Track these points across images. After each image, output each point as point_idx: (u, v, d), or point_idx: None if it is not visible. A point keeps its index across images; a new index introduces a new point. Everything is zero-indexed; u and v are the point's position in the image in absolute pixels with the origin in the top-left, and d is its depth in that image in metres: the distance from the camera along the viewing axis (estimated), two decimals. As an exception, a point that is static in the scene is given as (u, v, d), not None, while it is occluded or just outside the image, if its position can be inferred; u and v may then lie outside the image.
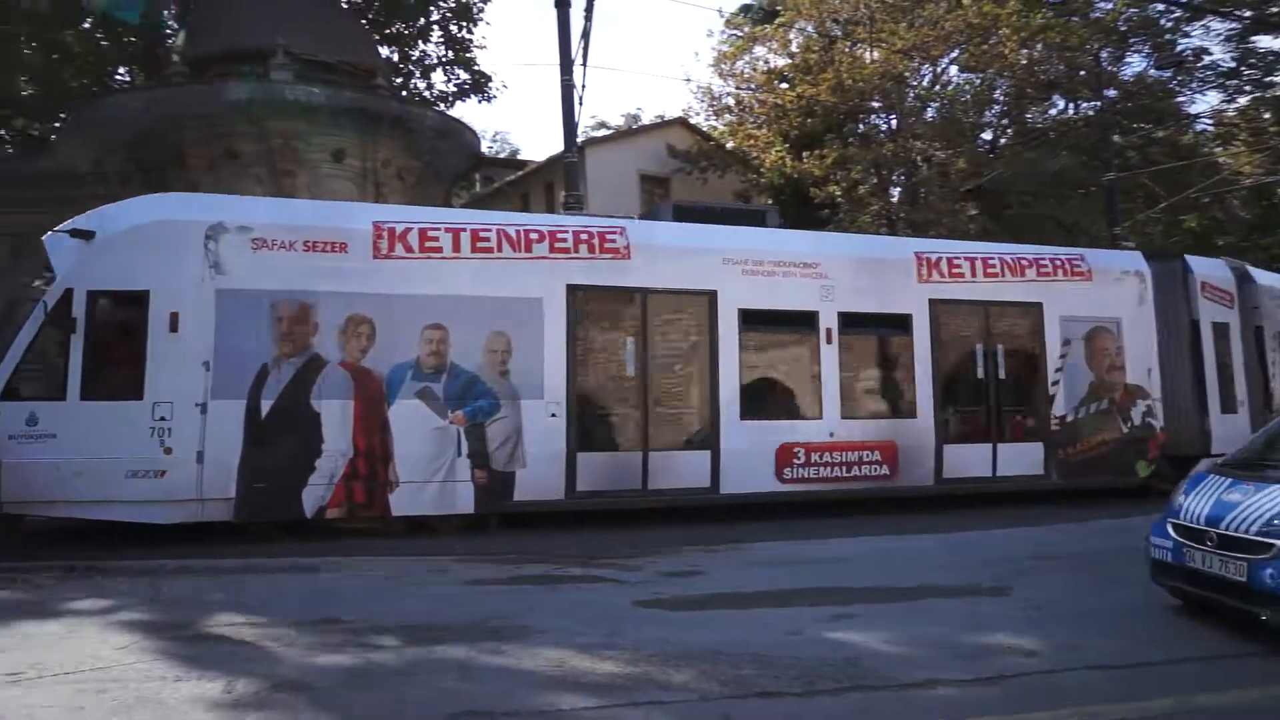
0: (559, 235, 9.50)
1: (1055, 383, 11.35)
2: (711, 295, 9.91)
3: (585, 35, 12.34)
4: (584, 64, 12.46)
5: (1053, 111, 23.32)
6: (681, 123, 22.40)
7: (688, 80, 25.18)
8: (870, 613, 5.94)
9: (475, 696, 4.30)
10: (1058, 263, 11.72)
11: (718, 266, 9.96)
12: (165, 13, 18.40)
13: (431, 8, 21.49)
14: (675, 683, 4.46)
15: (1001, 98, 22.56)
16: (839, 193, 20.67)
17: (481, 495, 8.96)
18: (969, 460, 10.87)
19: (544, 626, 5.51)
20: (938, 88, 22.54)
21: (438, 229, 9.18)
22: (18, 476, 7.83)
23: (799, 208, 20.89)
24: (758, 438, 9.92)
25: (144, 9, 17.05)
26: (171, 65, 15.88)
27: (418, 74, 22.52)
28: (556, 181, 21.55)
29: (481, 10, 22.05)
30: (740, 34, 24.70)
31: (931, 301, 10.96)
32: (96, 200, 15.62)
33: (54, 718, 4.04)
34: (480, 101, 23.14)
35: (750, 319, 10.04)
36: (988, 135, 23.44)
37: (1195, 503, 5.52)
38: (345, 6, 20.21)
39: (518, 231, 9.41)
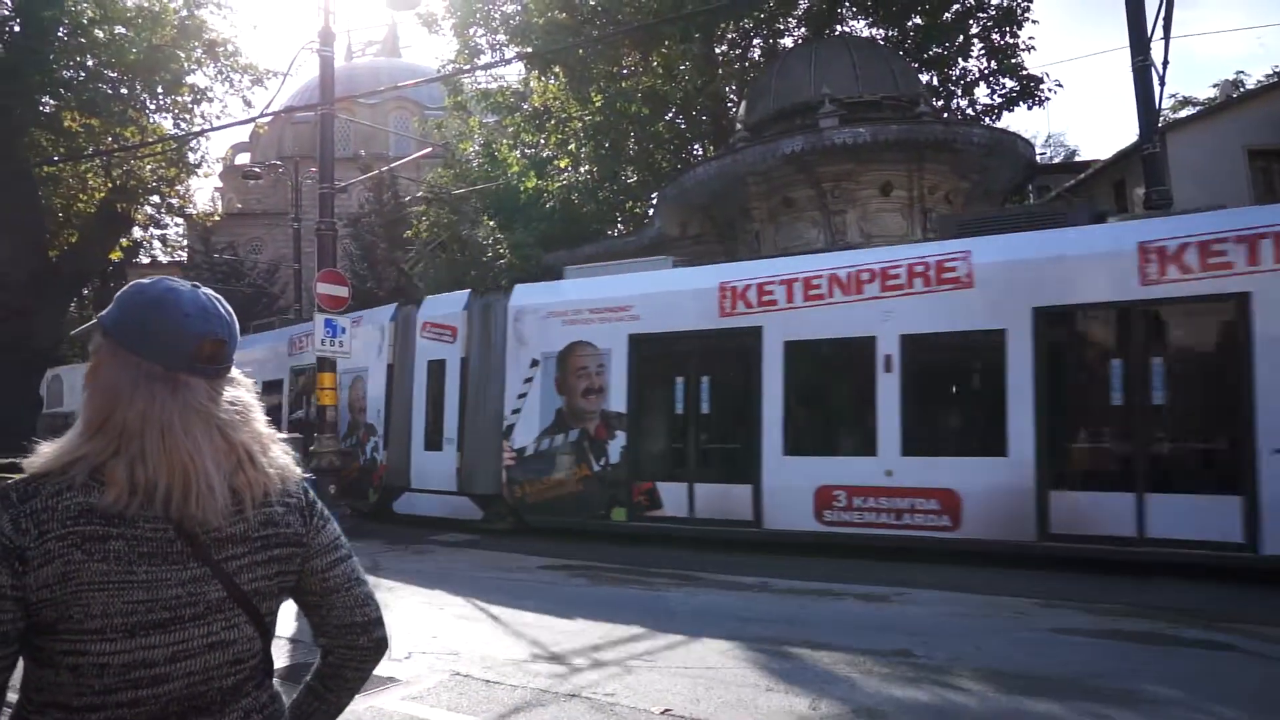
0: None
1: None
2: None
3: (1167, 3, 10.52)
4: (1165, 38, 10.66)
5: None
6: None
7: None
8: None
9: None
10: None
11: None
12: None
13: (970, 21, 20.77)
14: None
15: None
16: None
17: None
18: None
19: (1157, 695, 4.65)
20: None
21: None
22: None
23: None
24: None
25: None
26: (735, 133, 17.97)
27: (959, 92, 21.91)
28: (1129, 178, 18.91)
29: (1027, 10, 20.59)
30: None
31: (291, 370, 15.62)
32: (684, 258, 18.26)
33: (681, 703, 4.66)
34: (1031, 107, 21.53)
35: None
36: None
37: None
38: (882, 44, 20.68)
39: None
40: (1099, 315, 8.77)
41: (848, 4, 21.71)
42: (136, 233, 23.66)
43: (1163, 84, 10.79)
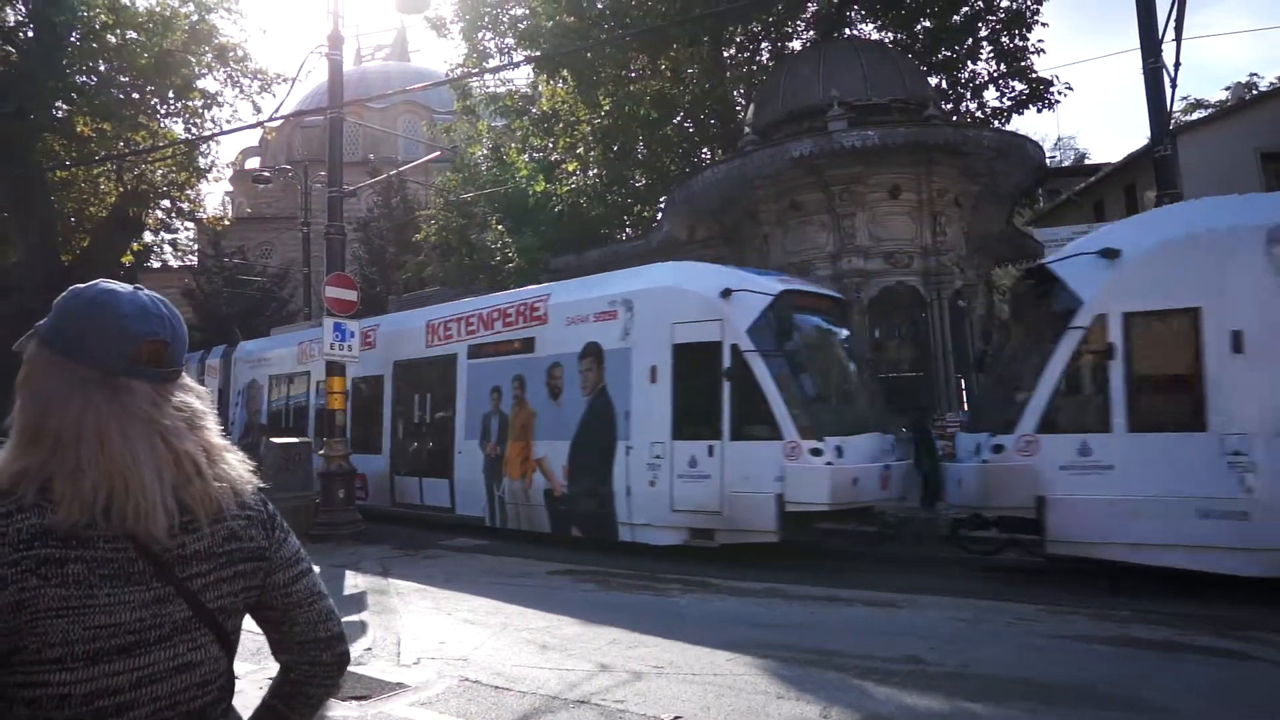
0: None
1: None
2: None
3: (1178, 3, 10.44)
4: (1177, 39, 10.59)
5: None
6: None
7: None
8: None
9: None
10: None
11: None
12: None
13: (979, 24, 20.70)
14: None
15: None
16: None
17: None
18: None
19: (1170, 704, 4.62)
20: None
21: None
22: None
23: None
24: None
25: None
26: (743, 137, 17.97)
27: (968, 95, 21.83)
28: (1139, 181, 18.88)
29: (1037, 13, 20.48)
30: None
31: None
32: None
33: (691, 710, 4.65)
34: (1040, 110, 21.43)
35: None
36: None
37: None
38: (890, 47, 20.63)
39: None
40: (413, 365, 13.95)
41: (856, 7, 21.67)
42: (147, 236, 23.81)
43: (1174, 86, 10.73)
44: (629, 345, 10.31)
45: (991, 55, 21.22)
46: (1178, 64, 10.78)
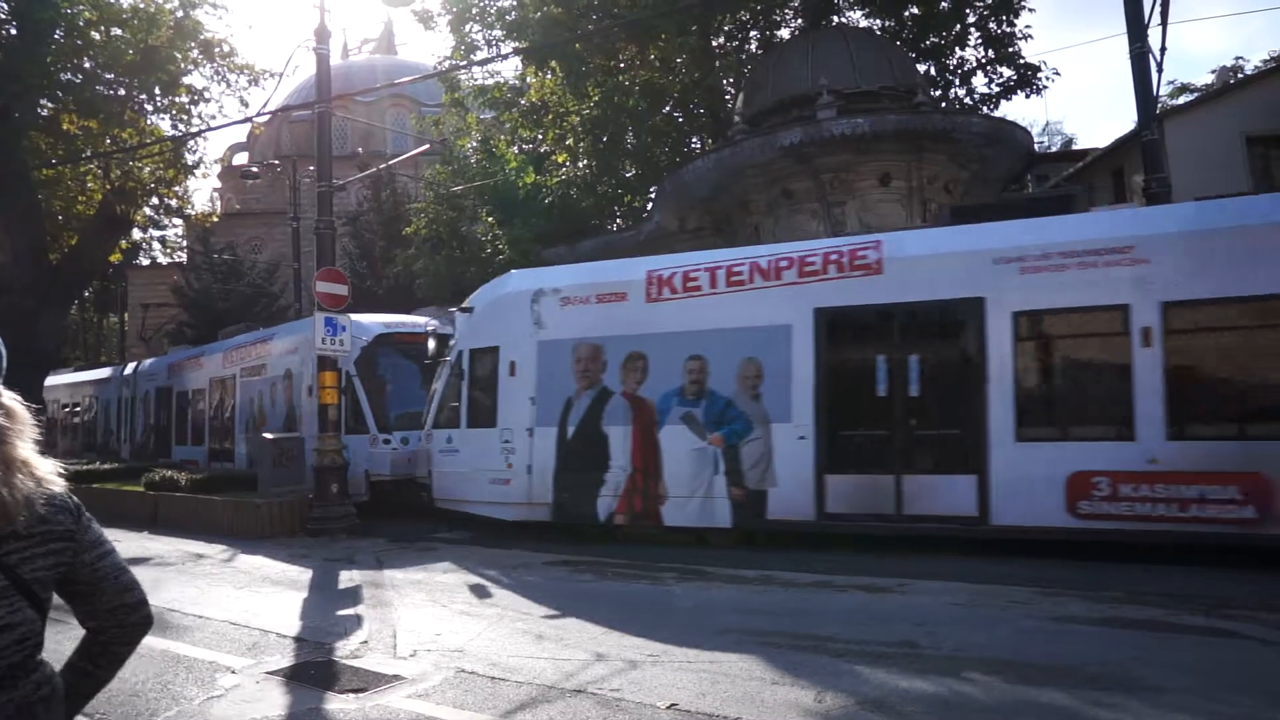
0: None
1: None
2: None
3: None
4: (1163, 24, 10.62)
5: None
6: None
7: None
8: None
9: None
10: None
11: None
12: None
13: (967, 10, 20.69)
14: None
15: None
16: None
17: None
18: None
19: (1162, 682, 4.67)
20: None
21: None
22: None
23: None
24: None
25: None
26: (733, 126, 17.95)
27: (957, 82, 21.84)
28: (1126, 166, 18.92)
29: (1023, -1, 20.46)
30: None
31: None
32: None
33: (687, 698, 4.68)
34: (1028, 96, 21.50)
35: None
36: None
37: None
38: (879, 34, 20.61)
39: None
40: (218, 381, 18.44)
41: (844, -6, 21.64)
42: (136, 234, 23.68)
43: (1160, 71, 10.76)
44: (302, 370, 14.77)
45: (979, 41, 21.24)
46: (1163, 49, 10.82)
